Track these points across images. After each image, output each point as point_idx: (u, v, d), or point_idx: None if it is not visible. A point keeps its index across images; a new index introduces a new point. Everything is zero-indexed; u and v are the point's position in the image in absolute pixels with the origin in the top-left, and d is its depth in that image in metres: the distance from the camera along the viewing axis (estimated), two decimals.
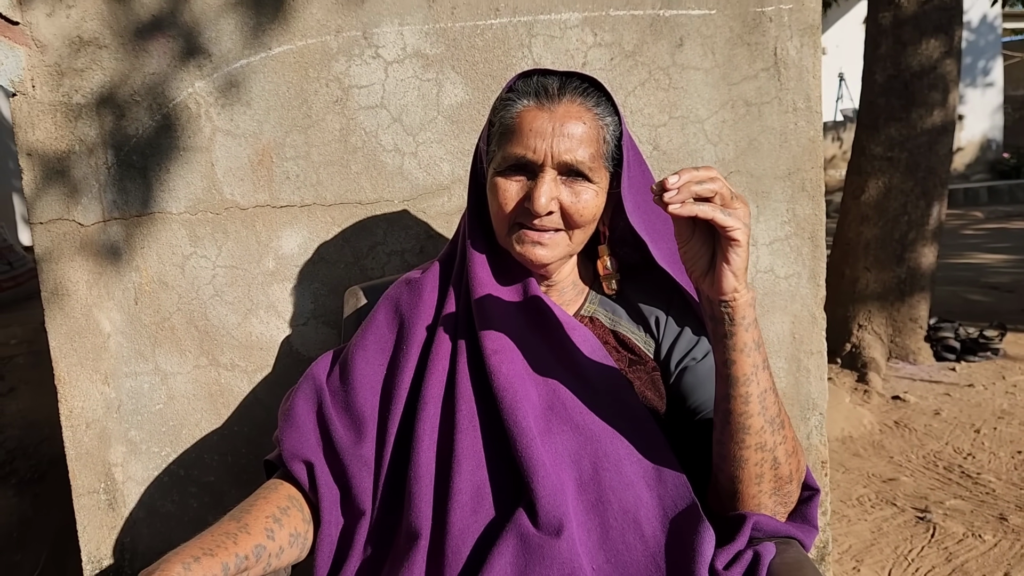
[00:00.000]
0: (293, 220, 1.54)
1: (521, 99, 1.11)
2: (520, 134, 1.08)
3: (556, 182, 1.08)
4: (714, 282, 0.97)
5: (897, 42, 4.09)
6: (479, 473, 1.06)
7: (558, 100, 1.09)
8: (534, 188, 1.07)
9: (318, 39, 1.50)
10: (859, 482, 2.92)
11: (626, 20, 1.54)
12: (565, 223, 1.11)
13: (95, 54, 1.48)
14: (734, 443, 1.01)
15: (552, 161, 1.07)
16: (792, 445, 1.03)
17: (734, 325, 0.98)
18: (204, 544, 0.97)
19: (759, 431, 1.00)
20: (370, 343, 1.18)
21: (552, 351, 1.12)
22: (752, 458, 1.01)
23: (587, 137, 1.08)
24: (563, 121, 1.07)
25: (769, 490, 1.02)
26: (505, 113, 1.12)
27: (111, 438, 1.56)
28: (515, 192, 1.10)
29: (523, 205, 1.09)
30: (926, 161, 4.13)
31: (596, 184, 1.11)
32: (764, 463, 1.01)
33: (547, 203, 1.07)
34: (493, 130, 1.15)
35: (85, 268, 1.52)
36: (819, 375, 1.67)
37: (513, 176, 1.10)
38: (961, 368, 4.17)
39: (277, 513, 1.07)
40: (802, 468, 1.06)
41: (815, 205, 1.63)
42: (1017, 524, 2.49)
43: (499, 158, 1.11)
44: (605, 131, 1.11)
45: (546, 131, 1.07)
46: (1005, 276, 6.35)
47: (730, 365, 0.99)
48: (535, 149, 1.07)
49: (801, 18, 1.56)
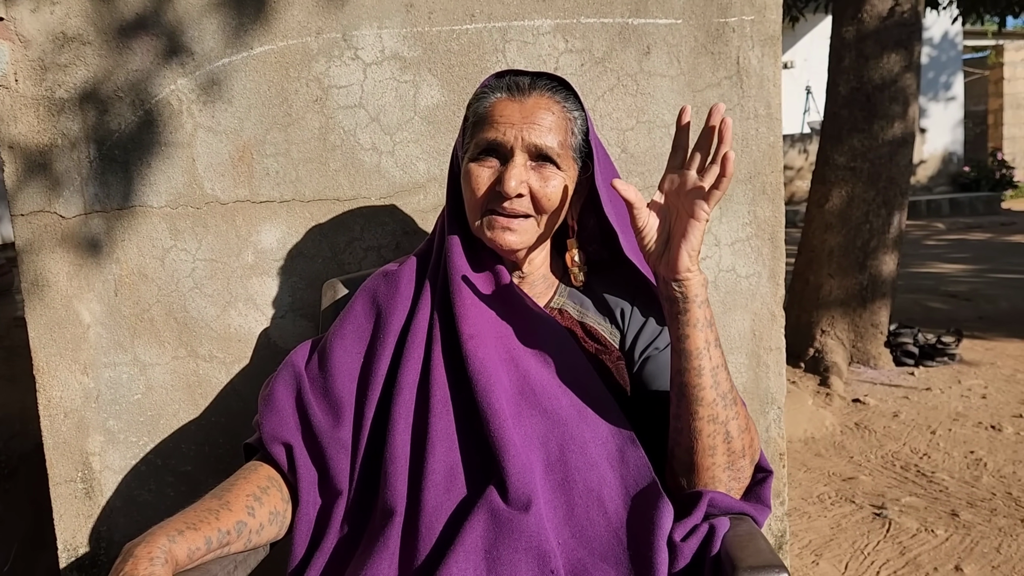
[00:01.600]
0: (272, 215, 1.58)
1: (494, 92, 1.19)
2: (492, 121, 1.16)
3: (526, 167, 1.15)
4: (670, 262, 1.06)
5: (860, 56, 4.22)
6: (452, 454, 1.11)
7: (528, 93, 1.17)
8: (505, 171, 1.14)
9: (299, 40, 1.55)
10: (820, 481, 3.01)
11: (596, 28, 1.61)
12: (534, 208, 1.17)
13: (79, 50, 1.52)
14: (689, 415, 1.08)
15: (522, 144, 1.14)
16: (744, 422, 1.10)
17: (687, 302, 1.06)
18: (188, 519, 1.01)
19: (711, 403, 1.07)
20: (348, 332, 1.23)
21: (523, 338, 1.18)
22: (705, 429, 1.07)
23: (555, 126, 1.16)
24: (533, 110, 1.15)
25: (723, 463, 1.09)
26: (478, 105, 1.19)
27: (89, 427, 1.59)
28: (487, 176, 1.16)
29: (495, 189, 1.16)
30: (887, 171, 4.26)
31: (564, 172, 1.18)
32: (716, 435, 1.08)
33: (517, 185, 1.14)
34: (467, 124, 1.22)
35: (66, 260, 1.55)
36: (778, 371, 1.74)
37: (485, 161, 1.17)
38: (919, 373, 4.30)
39: (257, 492, 1.11)
40: (756, 446, 1.13)
41: (775, 207, 1.70)
42: (968, 520, 2.59)
43: (472, 146, 1.19)
44: (573, 124, 1.18)
45: (516, 118, 1.15)
46: (963, 285, 6.53)
47: (684, 340, 1.07)
48: (505, 133, 1.14)
49: (762, 29, 1.64)
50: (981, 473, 2.97)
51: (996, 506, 2.68)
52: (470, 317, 1.16)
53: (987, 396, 3.86)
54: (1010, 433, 3.36)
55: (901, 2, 4.14)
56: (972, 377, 4.16)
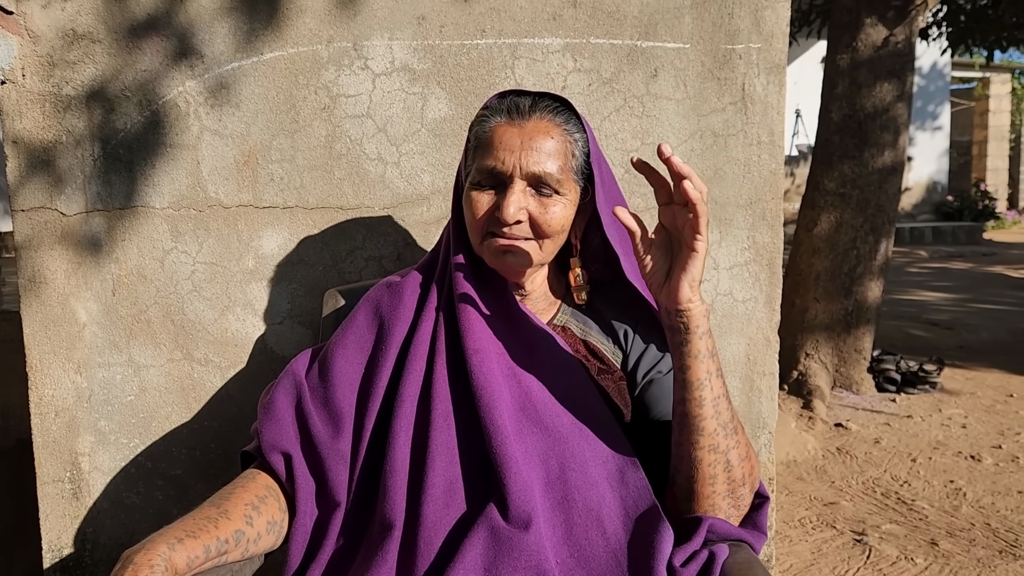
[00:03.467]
0: (275, 221, 1.58)
1: (494, 116, 1.19)
2: (492, 148, 1.16)
3: (525, 193, 1.16)
4: (671, 292, 1.06)
5: (853, 83, 4.27)
6: (452, 468, 1.11)
7: (528, 117, 1.17)
8: (503, 199, 1.14)
9: (309, 47, 1.55)
10: (802, 504, 3.03)
11: (605, 48, 1.62)
12: (534, 233, 1.17)
13: (88, 48, 1.51)
14: (689, 444, 1.08)
15: (521, 172, 1.14)
16: (745, 451, 1.11)
17: (689, 333, 1.06)
18: (187, 527, 1.00)
19: (712, 433, 1.08)
20: (350, 342, 1.22)
21: (525, 355, 1.18)
22: (706, 459, 1.08)
23: (555, 151, 1.16)
24: (532, 135, 1.15)
25: (723, 492, 1.10)
26: (479, 129, 1.19)
27: (80, 427, 1.58)
28: (486, 203, 1.17)
29: (494, 215, 1.16)
30: (876, 199, 4.31)
31: (565, 196, 1.18)
32: (717, 464, 1.08)
33: (515, 213, 1.14)
34: (469, 146, 1.23)
35: (64, 257, 1.54)
36: (770, 396, 1.76)
37: (485, 188, 1.17)
38: (901, 400, 4.34)
39: (255, 501, 1.11)
40: (755, 474, 1.13)
41: (774, 234, 1.72)
42: (947, 549, 2.61)
43: (473, 171, 1.19)
44: (574, 146, 1.18)
45: (515, 145, 1.14)
46: (945, 314, 6.61)
47: (686, 370, 1.08)
48: (504, 161, 1.14)
49: (769, 57, 1.66)
50: (960, 503, 3.00)
51: (975, 536, 2.71)
52: (474, 332, 1.17)
53: (967, 426, 3.90)
54: (989, 464, 3.39)
55: (896, 32, 4.20)
56: (952, 406, 4.20)
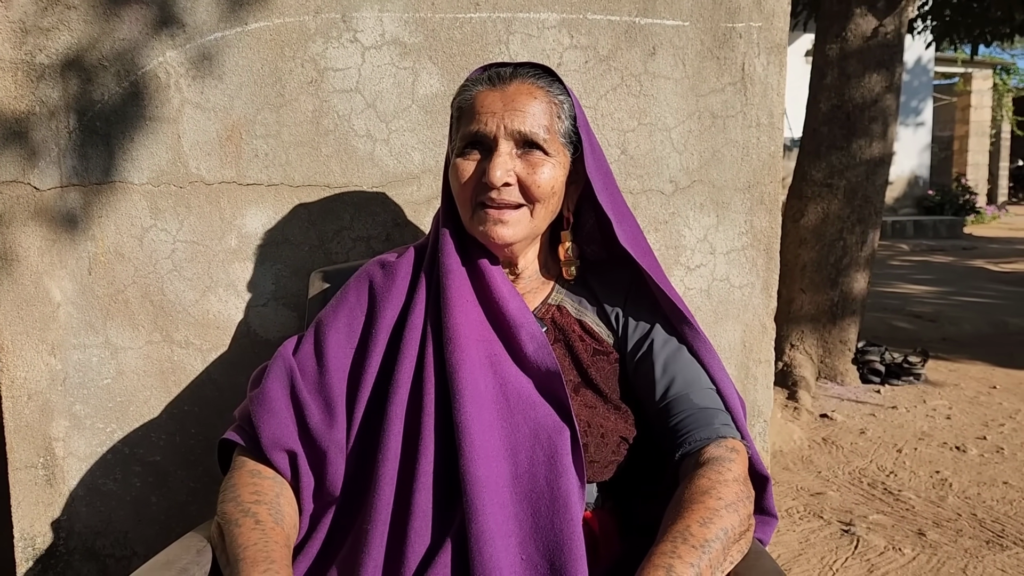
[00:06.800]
0: (259, 199, 1.52)
1: (476, 85, 1.15)
2: (474, 113, 1.12)
3: (512, 155, 1.11)
4: None
5: (842, 74, 4.24)
6: (443, 458, 1.06)
7: (509, 81, 1.13)
8: (489, 162, 1.10)
9: (296, 18, 1.49)
10: (788, 495, 3.01)
11: (603, 25, 1.58)
12: (524, 197, 1.13)
13: (63, 14, 1.44)
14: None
15: (504, 132, 1.10)
16: (738, 533, 1.00)
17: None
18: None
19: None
20: (341, 323, 1.17)
21: (504, 346, 1.14)
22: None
23: (540, 110, 1.12)
24: (514, 97, 1.12)
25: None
26: (461, 99, 1.16)
27: (54, 411, 1.51)
28: (472, 169, 1.13)
29: (481, 181, 1.12)
30: (863, 190, 4.29)
31: (553, 158, 1.13)
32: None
33: (502, 175, 1.09)
34: (452, 119, 1.19)
35: (38, 234, 1.48)
36: (766, 383, 1.73)
37: (470, 155, 1.13)
38: (885, 391, 4.34)
39: (292, 533, 1.08)
40: (748, 537, 1.04)
41: (772, 219, 1.68)
42: (934, 539, 2.60)
43: (457, 140, 1.15)
44: (559, 108, 1.14)
45: (498, 107, 1.11)
46: (928, 306, 6.63)
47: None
48: (487, 123, 1.11)
49: (769, 36, 1.62)
50: (947, 493, 2.99)
51: (962, 527, 2.70)
52: (455, 319, 1.12)
53: (951, 417, 3.90)
54: (974, 455, 3.39)
55: (885, 23, 4.18)
56: (937, 397, 4.21)
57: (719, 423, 1.11)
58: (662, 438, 1.14)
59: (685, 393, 1.14)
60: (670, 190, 1.64)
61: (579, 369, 1.18)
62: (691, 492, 1.01)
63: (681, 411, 1.13)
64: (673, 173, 1.64)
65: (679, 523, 0.96)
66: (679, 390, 1.14)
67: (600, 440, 1.13)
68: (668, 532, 0.96)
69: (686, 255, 1.66)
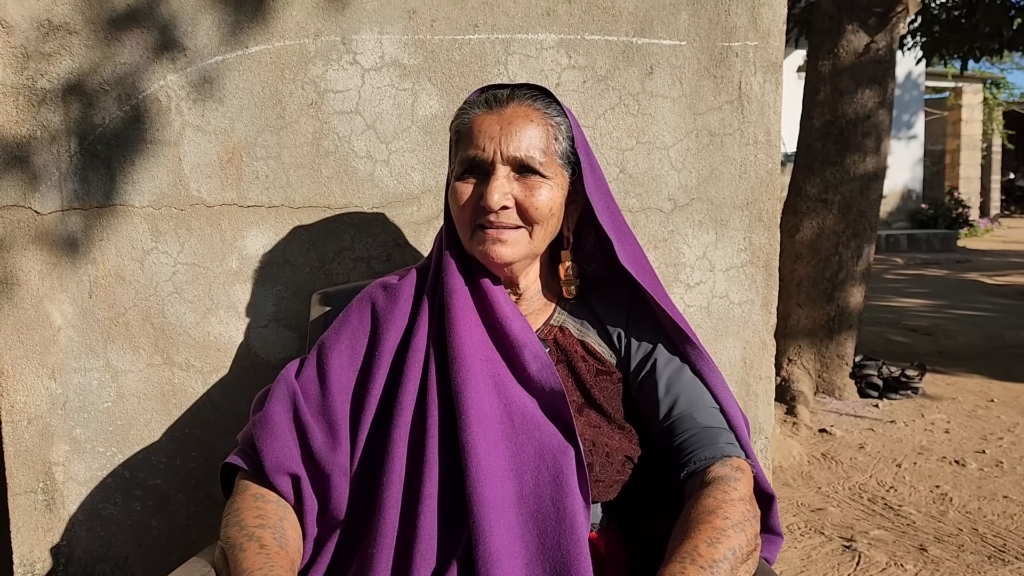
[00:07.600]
0: (260, 220, 1.52)
1: (473, 108, 1.16)
2: (472, 137, 1.13)
3: (509, 179, 1.12)
4: None
5: (835, 90, 4.27)
6: (447, 481, 1.06)
7: (506, 104, 1.14)
8: (487, 186, 1.11)
9: (296, 41, 1.50)
10: (789, 511, 3.00)
11: (600, 45, 1.59)
12: (523, 219, 1.14)
13: (65, 39, 1.45)
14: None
15: (502, 158, 1.11)
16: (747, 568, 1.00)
17: None
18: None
19: None
20: (344, 346, 1.17)
21: (507, 366, 1.14)
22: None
23: (536, 133, 1.13)
24: (511, 120, 1.12)
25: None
26: (459, 123, 1.17)
27: (54, 435, 1.51)
28: (470, 193, 1.14)
29: (479, 204, 1.12)
30: (858, 205, 4.31)
31: (551, 180, 1.14)
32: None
33: (499, 199, 1.10)
34: (452, 142, 1.20)
35: (39, 258, 1.47)
36: (767, 400, 1.73)
37: (468, 179, 1.14)
38: (884, 405, 4.34)
39: (297, 557, 1.07)
40: (755, 557, 1.04)
41: (770, 235, 1.69)
42: (936, 555, 2.60)
43: (456, 164, 1.16)
44: (556, 130, 1.15)
45: (495, 131, 1.12)
46: (923, 320, 6.64)
47: None
48: (484, 148, 1.11)
49: (765, 55, 1.63)
50: (947, 508, 2.99)
51: (963, 542, 2.69)
52: (459, 340, 1.12)
53: (950, 431, 3.90)
54: (974, 469, 3.39)
55: (877, 39, 4.21)
56: (935, 411, 4.21)
57: (723, 442, 1.11)
58: (666, 458, 1.14)
59: (689, 412, 1.14)
60: (669, 208, 1.65)
61: (582, 389, 1.18)
62: (697, 512, 1.01)
63: (685, 431, 1.13)
64: (672, 191, 1.64)
65: (687, 543, 0.96)
66: (683, 409, 1.14)
67: (605, 460, 1.13)
68: (676, 553, 0.96)
69: (685, 272, 1.67)
